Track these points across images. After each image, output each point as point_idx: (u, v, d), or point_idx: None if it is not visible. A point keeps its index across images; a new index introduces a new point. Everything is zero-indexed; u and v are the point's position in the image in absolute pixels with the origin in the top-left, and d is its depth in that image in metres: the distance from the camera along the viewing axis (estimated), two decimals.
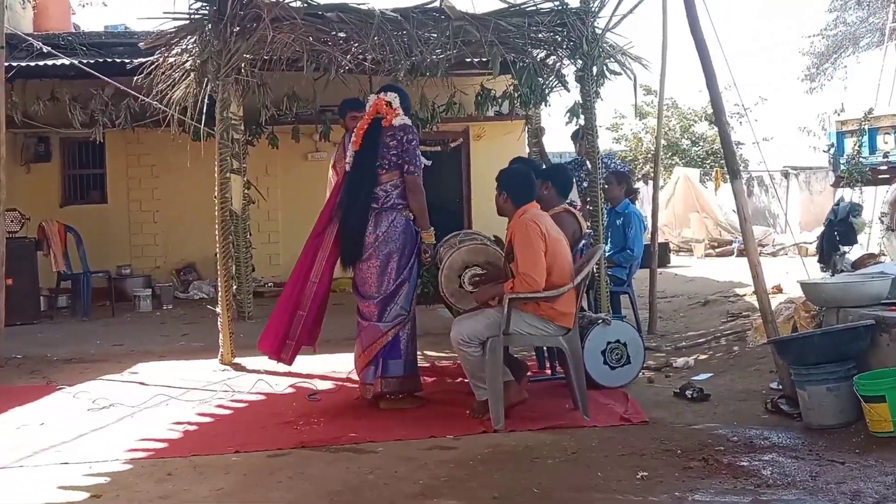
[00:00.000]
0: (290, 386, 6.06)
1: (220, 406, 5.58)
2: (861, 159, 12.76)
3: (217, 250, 7.04)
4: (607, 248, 7.41)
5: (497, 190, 5.11)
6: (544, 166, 7.45)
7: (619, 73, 7.27)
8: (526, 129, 9.22)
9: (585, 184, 7.35)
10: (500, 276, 5.23)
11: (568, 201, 6.00)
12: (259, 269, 11.25)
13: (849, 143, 13.11)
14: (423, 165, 5.41)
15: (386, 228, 5.27)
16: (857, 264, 6.92)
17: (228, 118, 7.21)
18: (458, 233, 6.18)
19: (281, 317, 5.51)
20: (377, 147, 5.28)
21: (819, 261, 7.98)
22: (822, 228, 8.08)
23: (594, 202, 7.01)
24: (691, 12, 5.47)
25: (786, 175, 20.06)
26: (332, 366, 6.54)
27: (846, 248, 7.71)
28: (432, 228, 5.41)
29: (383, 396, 5.29)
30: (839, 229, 7.73)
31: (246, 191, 9.50)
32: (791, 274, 8.86)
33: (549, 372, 6.28)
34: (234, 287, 8.38)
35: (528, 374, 5.94)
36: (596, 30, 7.07)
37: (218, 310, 6.98)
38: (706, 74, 5.39)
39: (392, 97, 5.40)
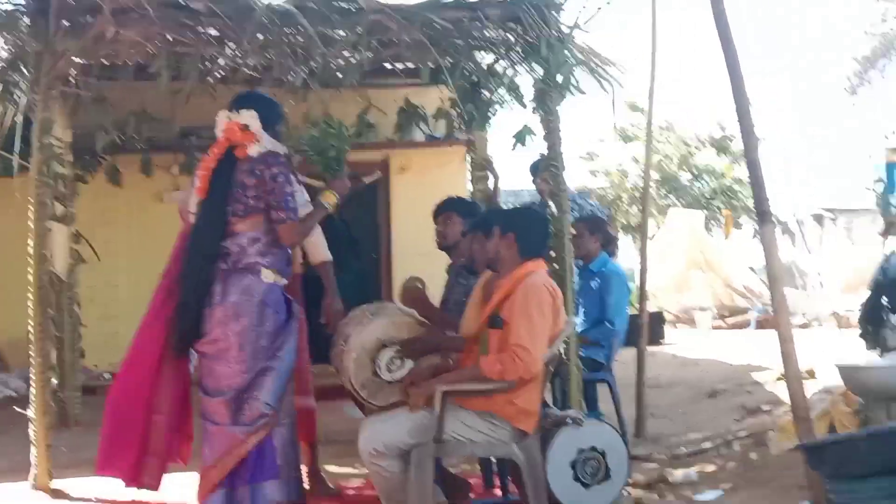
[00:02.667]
0: None
1: None
2: None
3: (31, 329, 6.90)
4: (579, 320, 7.47)
5: (493, 231, 5.14)
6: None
7: (583, 94, 7.37)
8: (468, 158, 9.31)
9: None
10: (433, 337, 5.25)
11: None
12: (91, 354, 11.00)
13: None
14: (297, 205, 5.39)
15: (237, 297, 5.22)
16: None
17: (51, 146, 7.12)
18: (371, 305, 6.16)
19: (127, 424, 5.40)
20: (228, 191, 5.27)
21: (862, 336, 8.15)
22: (868, 293, 8.27)
23: (560, 259, 7.08)
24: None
25: (819, 219, 20.58)
26: (190, 488, 6.40)
27: None
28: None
29: None
30: (890, 294, 7.91)
31: (74, 246, 9.37)
32: (828, 353, 9.04)
33: (498, 492, 6.26)
34: (55, 381, 8.20)
35: (472, 495, 5.92)
36: (561, 27, 7.20)
37: (31, 413, 6.83)
38: (732, 77, 5.51)
39: (248, 117, 5.38)
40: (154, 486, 5.46)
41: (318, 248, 6.56)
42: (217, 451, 5.20)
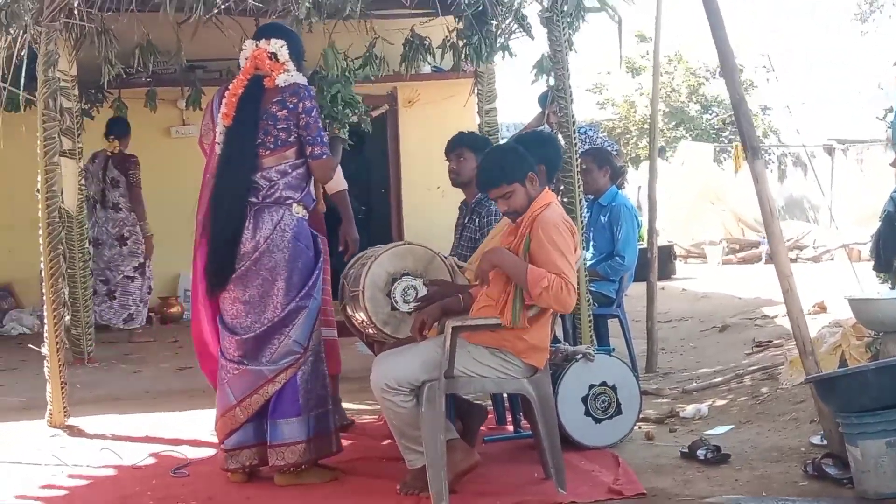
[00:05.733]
0: (150, 455, 5.99)
1: (48, 486, 5.48)
2: None
3: (42, 266, 6.93)
4: (588, 254, 7.47)
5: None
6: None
7: (599, 10, 7.33)
8: (475, 90, 9.25)
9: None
10: (449, 288, 5.25)
11: None
12: None
13: None
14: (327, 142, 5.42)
15: (270, 232, 5.20)
16: None
17: (56, 79, 7.10)
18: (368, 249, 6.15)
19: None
20: (257, 118, 5.22)
21: (875, 268, 8.14)
22: (878, 224, 8.25)
23: (570, 192, 7.06)
24: None
25: (830, 151, 20.45)
26: (207, 425, 6.48)
27: None
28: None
29: (279, 470, 5.24)
30: None
31: (83, 181, 9.37)
32: (839, 286, 9.04)
33: (510, 428, 6.31)
34: (68, 318, 8.25)
35: (483, 429, 5.97)
36: None
37: (45, 350, 6.87)
38: (708, 10, 5.46)
39: (278, 46, 5.32)
40: None
41: (336, 177, 6.58)
42: (241, 390, 5.23)
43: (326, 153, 5.32)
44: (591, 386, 5.77)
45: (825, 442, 5.27)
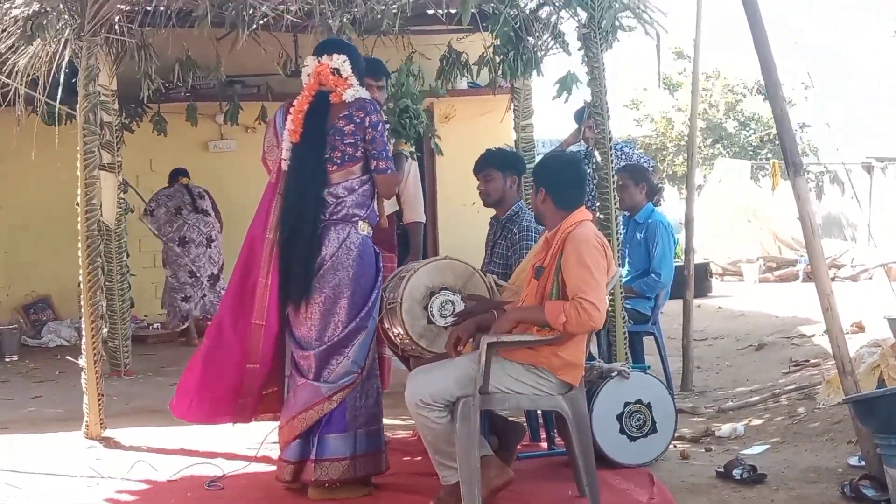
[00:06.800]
0: (182, 470, 5.98)
1: (83, 498, 5.50)
2: None
3: (81, 279, 6.98)
4: (624, 271, 7.44)
5: (533, 184, 5.17)
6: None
7: (634, 28, 7.31)
8: (512, 107, 9.25)
9: (594, 183, 7.39)
10: (487, 304, 5.24)
11: None
12: (140, 304, 11.15)
13: None
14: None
15: (336, 250, 5.20)
16: None
17: (96, 94, 7.16)
18: (407, 264, 6.17)
19: (220, 371, 5.38)
20: (325, 134, 5.22)
21: None
22: None
23: (606, 209, 7.04)
24: None
25: (868, 169, 20.31)
26: (242, 438, 6.51)
27: None
28: None
29: (319, 485, 5.24)
30: None
31: (122, 195, 9.44)
32: (877, 305, 8.97)
33: (544, 445, 6.29)
34: (105, 330, 8.30)
35: (518, 446, 5.96)
36: None
37: (82, 362, 6.92)
38: (751, 23, 5.44)
39: (340, 62, 5.32)
40: (247, 419, 5.52)
41: (416, 207, 6.63)
42: (302, 402, 5.23)
43: (391, 168, 5.33)
44: (626, 404, 5.75)
45: (863, 463, 5.23)
